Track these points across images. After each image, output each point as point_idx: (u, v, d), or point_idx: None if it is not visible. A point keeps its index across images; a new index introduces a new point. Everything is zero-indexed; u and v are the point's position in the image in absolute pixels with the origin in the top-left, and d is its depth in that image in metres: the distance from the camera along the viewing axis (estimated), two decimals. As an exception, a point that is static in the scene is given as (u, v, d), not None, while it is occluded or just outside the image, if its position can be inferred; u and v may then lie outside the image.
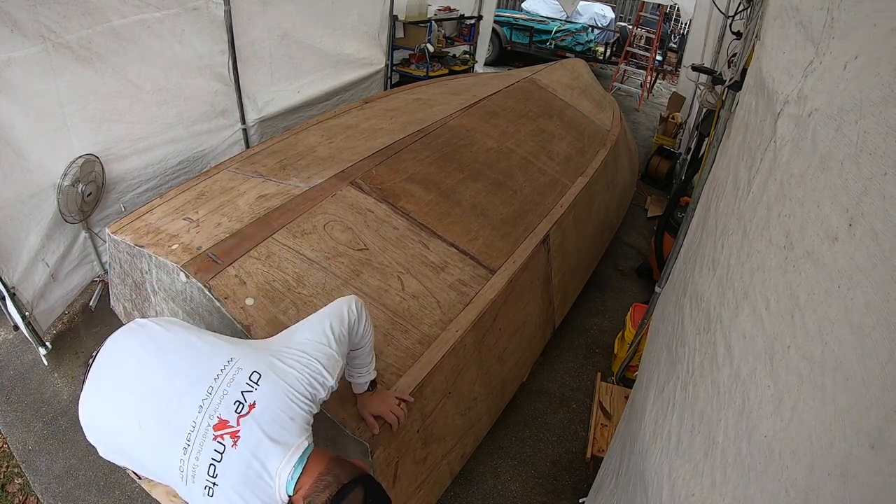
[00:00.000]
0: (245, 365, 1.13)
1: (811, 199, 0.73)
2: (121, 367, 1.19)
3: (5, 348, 2.75)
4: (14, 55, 2.29)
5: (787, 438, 0.68)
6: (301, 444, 1.09)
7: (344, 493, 1.03)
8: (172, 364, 1.16)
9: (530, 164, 3.03)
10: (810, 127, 0.75)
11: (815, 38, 0.85)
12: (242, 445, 1.03)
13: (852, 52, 0.69)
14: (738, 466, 0.80)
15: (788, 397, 0.71)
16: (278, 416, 1.08)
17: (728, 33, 2.76)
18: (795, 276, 0.74)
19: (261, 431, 1.05)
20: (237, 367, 1.13)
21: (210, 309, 1.82)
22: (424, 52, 5.60)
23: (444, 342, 1.81)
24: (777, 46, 1.08)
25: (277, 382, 1.12)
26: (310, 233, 2.05)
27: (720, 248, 1.11)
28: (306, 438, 1.11)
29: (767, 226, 0.86)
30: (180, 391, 1.10)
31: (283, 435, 1.07)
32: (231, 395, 1.08)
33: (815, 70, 0.82)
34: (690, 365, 1.15)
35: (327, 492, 1.03)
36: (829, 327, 0.64)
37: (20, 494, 2.12)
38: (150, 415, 1.10)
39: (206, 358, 1.16)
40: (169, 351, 1.19)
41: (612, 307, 3.56)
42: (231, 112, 3.66)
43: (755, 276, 0.88)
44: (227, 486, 1.02)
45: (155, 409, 1.10)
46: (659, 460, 1.17)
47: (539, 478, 2.37)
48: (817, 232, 0.70)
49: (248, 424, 1.05)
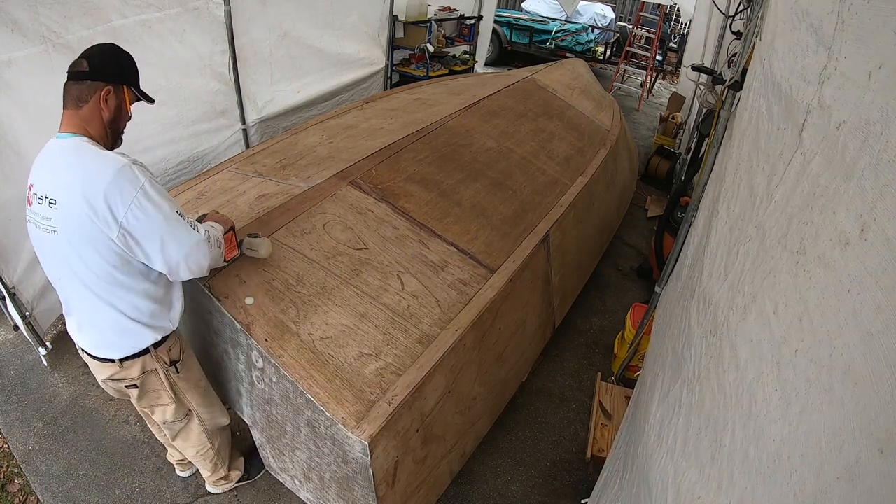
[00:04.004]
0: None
1: (829, 206, 0.73)
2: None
3: (5, 348, 2.75)
4: (15, 55, 2.30)
5: (795, 442, 0.68)
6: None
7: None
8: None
9: (530, 163, 3.03)
10: (840, 140, 0.75)
11: (826, 42, 0.84)
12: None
13: (875, 61, 0.68)
14: (745, 470, 0.80)
15: (796, 401, 0.70)
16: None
17: (728, 33, 2.76)
18: (805, 281, 0.74)
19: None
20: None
21: (210, 308, 1.82)
22: (424, 52, 5.59)
23: (444, 342, 1.81)
24: (789, 50, 1.08)
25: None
26: (309, 232, 2.05)
27: (735, 254, 1.11)
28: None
29: (786, 233, 0.85)
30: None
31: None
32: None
33: (832, 76, 0.81)
34: (697, 368, 1.14)
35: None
36: (838, 331, 0.64)
37: (20, 494, 2.12)
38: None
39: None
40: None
41: (612, 307, 3.56)
42: (231, 112, 3.67)
43: (766, 281, 0.88)
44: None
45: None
46: (664, 463, 1.16)
47: (539, 478, 2.37)
48: (830, 237, 0.70)
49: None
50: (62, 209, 1.32)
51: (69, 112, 1.38)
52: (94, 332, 1.54)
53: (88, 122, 1.38)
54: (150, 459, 2.25)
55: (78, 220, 1.30)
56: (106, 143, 1.43)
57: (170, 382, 1.65)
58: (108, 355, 1.55)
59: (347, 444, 1.54)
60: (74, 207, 1.29)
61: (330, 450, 1.62)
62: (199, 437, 1.84)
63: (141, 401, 1.67)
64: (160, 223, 1.34)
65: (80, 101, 1.37)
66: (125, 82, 1.44)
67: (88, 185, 1.28)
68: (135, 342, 1.53)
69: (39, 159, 1.39)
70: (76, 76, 1.37)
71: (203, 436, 1.84)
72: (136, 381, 1.60)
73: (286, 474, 1.94)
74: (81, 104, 1.37)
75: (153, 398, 1.68)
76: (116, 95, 1.41)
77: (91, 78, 1.36)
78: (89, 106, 1.37)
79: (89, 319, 1.52)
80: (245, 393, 1.88)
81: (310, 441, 1.68)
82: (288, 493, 2.12)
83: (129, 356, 1.54)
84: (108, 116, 1.41)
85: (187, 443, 1.86)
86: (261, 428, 1.90)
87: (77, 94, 1.37)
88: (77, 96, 1.37)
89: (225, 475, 2.04)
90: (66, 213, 1.31)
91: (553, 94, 4.09)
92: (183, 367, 1.68)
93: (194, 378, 1.74)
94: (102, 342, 1.54)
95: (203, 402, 1.79)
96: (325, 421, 1.56)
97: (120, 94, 1.42)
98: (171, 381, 1.65)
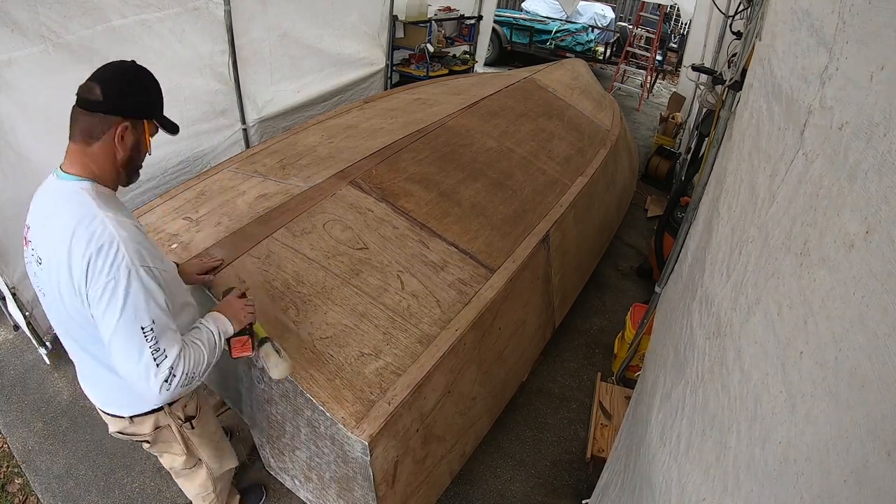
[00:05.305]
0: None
1: (833, 208, 0.73)
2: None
3: (5, 348, 2.75)
4: (14, 55, 2.29)
5: (801, 445, 0.68)
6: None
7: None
8: None
9: (530, 163, 3.03)
10: (843, 142, 0.74)
11: (827, 42, 0.84)
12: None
13: (877, 62, 0.68)
14: (751, 472, 0.80)
15: (802, 403, 0.70)
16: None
17: (728, 33, 2.76)
18: (809, 283, 0.74)
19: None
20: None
21: (209, 308, 1.82)
22: (424, 52, 5.59)
23: (444, 341, 1.81)
24: (789, 50, 1.08)
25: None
26: (309, 232, 2.05)
27: (737, 254, 1.11)
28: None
29: (790, 235, 0.85)
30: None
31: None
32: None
33: (833, 77, 0.81)
34: (700, 369, 1.14)
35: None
36: (844, 333, 0.64)
37: (20, 494, 2.12)
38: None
39: None
40: None
41: (612, 307, 3.56)
42: (231, 112, 3.66)
43: (769, 282, 0.88)
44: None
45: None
46: (667, 464, 1.16)
47: (539, 478, 2.37)
48: (834, 239, 0.70)
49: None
50: (47, 270, 1.17)
51: (76, 147, 1.16)
52: (98, 391, 1.42)
53: (98, 163, 1.17)
54: (150, 459, 2.25)
55: (62, 285, 1.14)
56: (116, 184, 1.24)
57: (183, 437, 1.56)
58: (117, 412, 1.43)
59: (347, 444, 1.54)
60: (62, 272, 1.13)
61: (330, 450, 1.62)
62: (203, 483, 1.78)
63: (151, 449, 1.59)
64: (113, 320, 1.11)
65: (90, 137, 1.14)
66: (147, 116, 1.21)
67: (73, 252, 1.10)
68: (143, 404, 1.41)
69: (36, 199, 1.22)
70: (87, 105, 1.13)
71: (208, 482, 1.78)
72: (147, 437, 1.50)
73: (286, 474, 1.94)
74: (92, 141, 1.15)
75: (164, 448, 1.60)
76: (135, 131, 1.19)
77: (105, 111, 1.14)
78: (101, 144, 1.15)
79: (92, 378, 1.40)
80: (245, 393, 1.88)
81: (310, 441, 1.68)
82: (288, 492, 2.12)
83: (139, 413, 1.44)
84: (122, 157, 1.19)
85: (190, 485, 1.80)
86: (261, 428, 1.90)
87: (88, 128, 1.14)
88: (87, 131, 1.14)
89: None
90: (49, 276, 1.17)
91: (553, 94, 4.09)
92: (199, 423, 1.57)
93: (209, 432, 1.66)
94: (109, 400, 1.42)
95: (214, 454, 1.72)
96: (324, 421, 1.56)
97: (139, 129, 1.20)
98: (184, 436, 1.56)
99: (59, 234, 1.12)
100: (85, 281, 1.10)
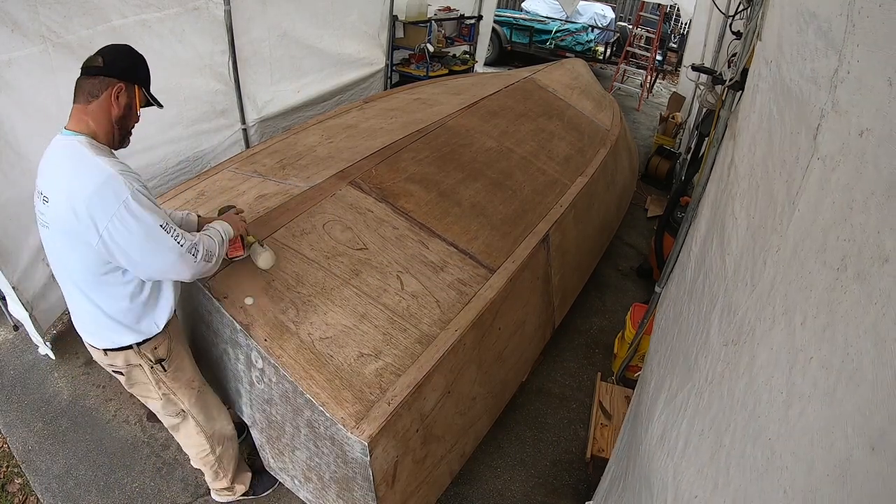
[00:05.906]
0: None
1: (873, 225, 0.71)
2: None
3: (5, 348, 2.75)
4: (14, 55, 2.29)
5: (789, 440, 0.68)
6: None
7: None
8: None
9: (530, 163, 3.03)
10: (867, 150, 0.73)
11: (836, 45, 0.83)
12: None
13: (893, 66, 0.67)
14: (741, 468, 0.80)
15: (798, 402, 0.70)
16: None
17: (728, 33, 2.76)
18: (840, 295, 0.73)
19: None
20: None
21: (209, 308, 1.82)
22: (424, 52, 5.59)
23: (444, 342, 1.81)
24: (797, 52, 1.06)
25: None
26: (309, 232, 2.05)
27: (762, 263, 1.09)
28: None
29: (824, 249, 0.83)
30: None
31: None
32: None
33: (845, 80, 0.80)
34: (711, 373, 1.13)
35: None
36: (856, 340, 0.64)
37: (20, 494, 2.12)
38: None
39: None
40: None
41: (612, 307, 3.56)
42: (231, 112, 3.66)
43: (800, 295, 0.87)
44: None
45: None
46: (664, 464, 1.16)
47: (539, 478, 2.37)
48: (871, 255, 0.69)
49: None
50: (52, 207, 1.35)
51: (78, 107, 1.39)
52: (79, 321, 1.60)
53: (96, 119, 1.39)
54: (150, 459, 2.25)
55: (63, 220, 1.34)
56: (112, 141, 1.45)
57: (156, 379, 1.65)
58: (92, 343, 1.60)
59: (347, 445, 1.54)
60: (60, 209, 1.33)
61: (329, 450, 1.62)
62: (197, 439, 1.83)
63: (131, 388, 1.69)
64: (140, 238, 1.34)
65: (90, 96, 1.38)
66: (137, 82, 1.46)
67: (73, 192, 1.30)
68: (115, 338, 1.56)
69: (45, 155, 1.42)
70: (90, 71, 1.39)
71: (201, 438, 1.82)
72: (121, 369, 1.63)
73: (286, 474, 1.94)
74: (92, 99, 1.38)
75: (142, 389, 1.70)
76: (128, 94, 1.43)
77: (104, 74, 1.39)
78: (99, 101, 1.39)
79: (76, 308, 1.57)
80: (245, 393, 1.88)
81: (309, 441, 1.68)
82: (288, 493, 2.12)
83: (112, 348, 1.57)
84: (117, 113, 1.42)
85: (187, 441, 1.85)
86: (260, 428, 1.90)
87: (88, 89, 1.38)
88: (88, 91, 1.38)
89: (228, 486, 2.02)
90: (54, 211, 1.35)
91: (553, 94, 4.09)
92: (171, 366, 1.67)
93: (185, 378, 1.73)
94: (87, 330, 1.59)
95: (197, 404, 1.77)
96: (324, 421, 1.56)
97: (131, 94, 1.45)
98: (157, 378, 1.65)
99: (61, 177, 1.34)
100: (92, 217, 1.30)
